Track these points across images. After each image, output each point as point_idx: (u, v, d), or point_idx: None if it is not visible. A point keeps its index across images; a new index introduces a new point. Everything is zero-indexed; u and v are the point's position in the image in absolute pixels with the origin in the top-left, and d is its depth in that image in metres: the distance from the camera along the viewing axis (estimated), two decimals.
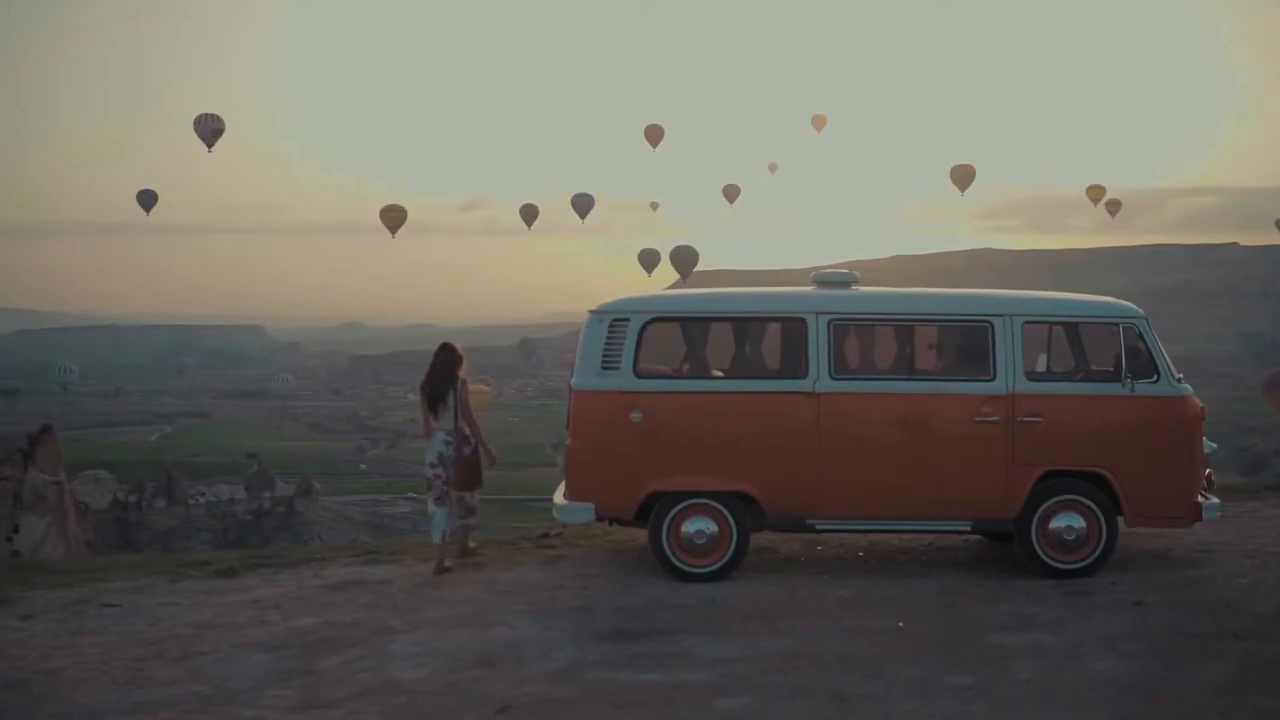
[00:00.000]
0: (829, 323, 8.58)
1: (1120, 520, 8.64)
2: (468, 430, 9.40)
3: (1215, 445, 9.04)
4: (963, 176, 54.36)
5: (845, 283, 9.07)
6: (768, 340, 8.96)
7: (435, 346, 9.60)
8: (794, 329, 8.65)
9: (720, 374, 8.98)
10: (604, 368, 8.61)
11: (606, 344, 8.62)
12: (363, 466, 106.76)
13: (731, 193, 63.53)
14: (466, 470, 9.34)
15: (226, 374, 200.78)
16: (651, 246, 60.12)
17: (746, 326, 8.98)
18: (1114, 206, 67.25)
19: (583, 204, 57.02)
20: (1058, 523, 8.54)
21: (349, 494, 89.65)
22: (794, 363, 8.63)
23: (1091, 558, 8.56)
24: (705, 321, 8.95)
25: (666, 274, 58.10)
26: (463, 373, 9.41)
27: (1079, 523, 8.54)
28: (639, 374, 8.60)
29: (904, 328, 8.91)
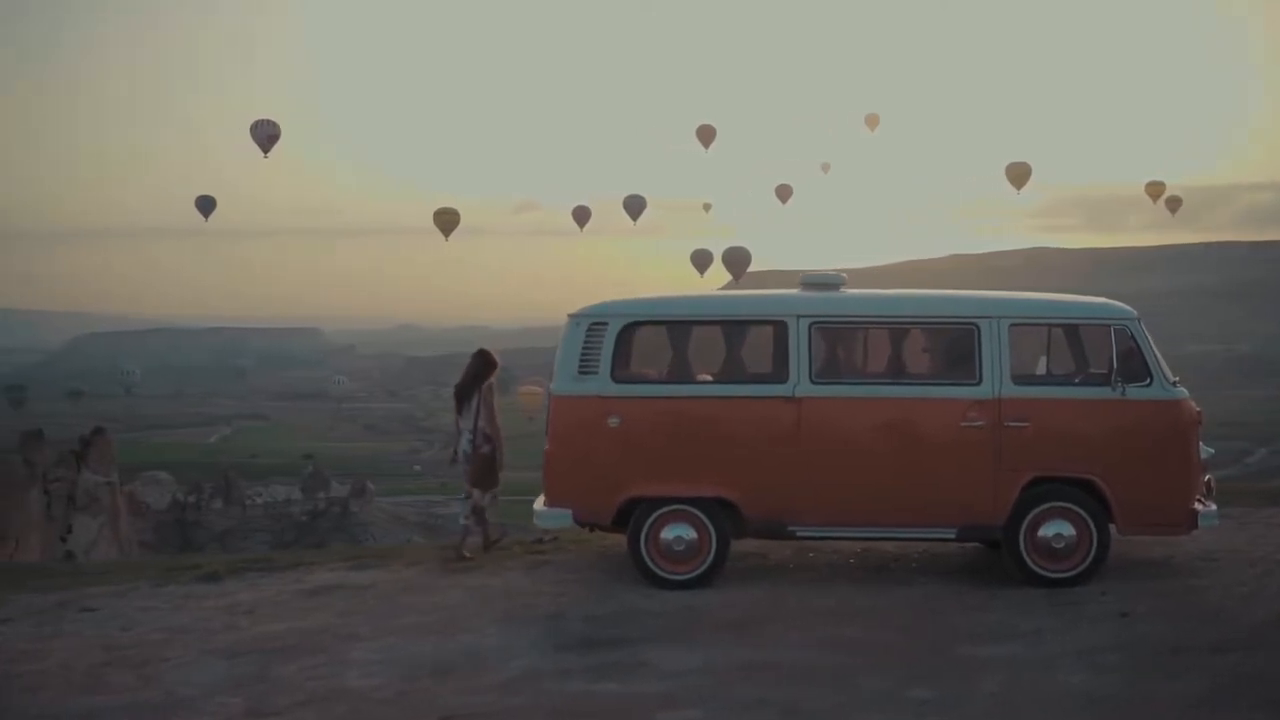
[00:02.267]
0: (810, 326, 8.42)
1: (1113, 528, 8.40)
2: (489, 431, 9.70)
3: (1213, 450, 8.76)
4: (1019, 175, 53.47)
5: (833, 285, 8.91)
6: (749, 344, 8.81)
7: (489, 347, 10.27)
8: (775, 332, 8.49)
9: (709, 378, 8.87)
10: (581, 372, 8.52)
11: (584, 348, 8.53)
12: (417, 468, 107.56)
13: (784, 193, 63.00)
14: (480, 468, 9.69)
15: (283, 376, 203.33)
16: (704, 247, 59.85)
17: (727, 330, 8.83)
18: (1174, 204, 65.89)
19: (635, 205, 56.85)
20: (1046, 530, 8.31)
21: (403, 495, 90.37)
22: (774, 367, 8.48)
23: (1082, 567, 8.33)
24: (686, 325, 8.84)
25: (720, 275, 57.81)
26: (492, 378, 9.85)
27: (1069, 530, 8.31)
28: (616, 378, 8.50)
29: (888, 331, 8.75)
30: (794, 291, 8.88)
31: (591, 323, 8.58)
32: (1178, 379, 8.54)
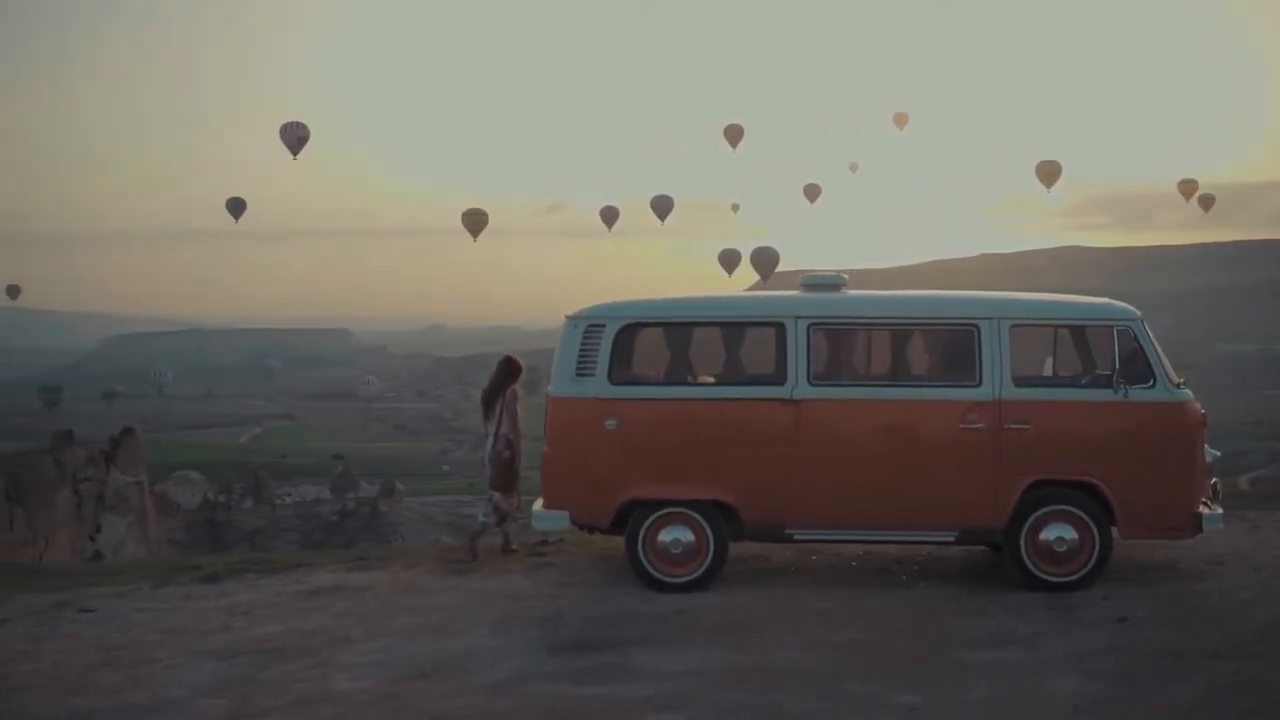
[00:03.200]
0: (808, 327, 8.37)
1: (1115, 532, 8.30)
2: (510, 436, 9.78)
3: (1218, 453, 8.64)
4: (1049, 173, 53.07)
5: (834, 286, 8.85)
6: (747, 345, 8.76)
7: (517, 348, 10.48)
8: (773, 334, 8.44)
9: (711, 380, 8.83)
10: (579, 374, 8.50)
11: (581, 350, 8.51)
12: (445, 468, 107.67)
13: (813, 192, 62.73)
14: (502, 472, 9.76)
15: (313, 376, 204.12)
16: (732, 247, 59.75)
17: (725, 332, 8.79)
18: (1207, 202, 65.15)
19: (662, 205, 56.84)
20: (1048, 534, 8.23)
21: (432, 494, 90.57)
22: (773, 368, 8.43)
23: (1084, 570, 8.23)
24: (684, 327, 8.80)
25: (748, 275, 57.68)
26: (517, 384, 9.99)
27: (1070, 534, 8.22)
28: (614, 380, 8.47)
29: (887, 332, 8.68)
30: (793, 293, 8.84)
31: (589, 324, 8.56)
32: (1182, 380, 8.44)
